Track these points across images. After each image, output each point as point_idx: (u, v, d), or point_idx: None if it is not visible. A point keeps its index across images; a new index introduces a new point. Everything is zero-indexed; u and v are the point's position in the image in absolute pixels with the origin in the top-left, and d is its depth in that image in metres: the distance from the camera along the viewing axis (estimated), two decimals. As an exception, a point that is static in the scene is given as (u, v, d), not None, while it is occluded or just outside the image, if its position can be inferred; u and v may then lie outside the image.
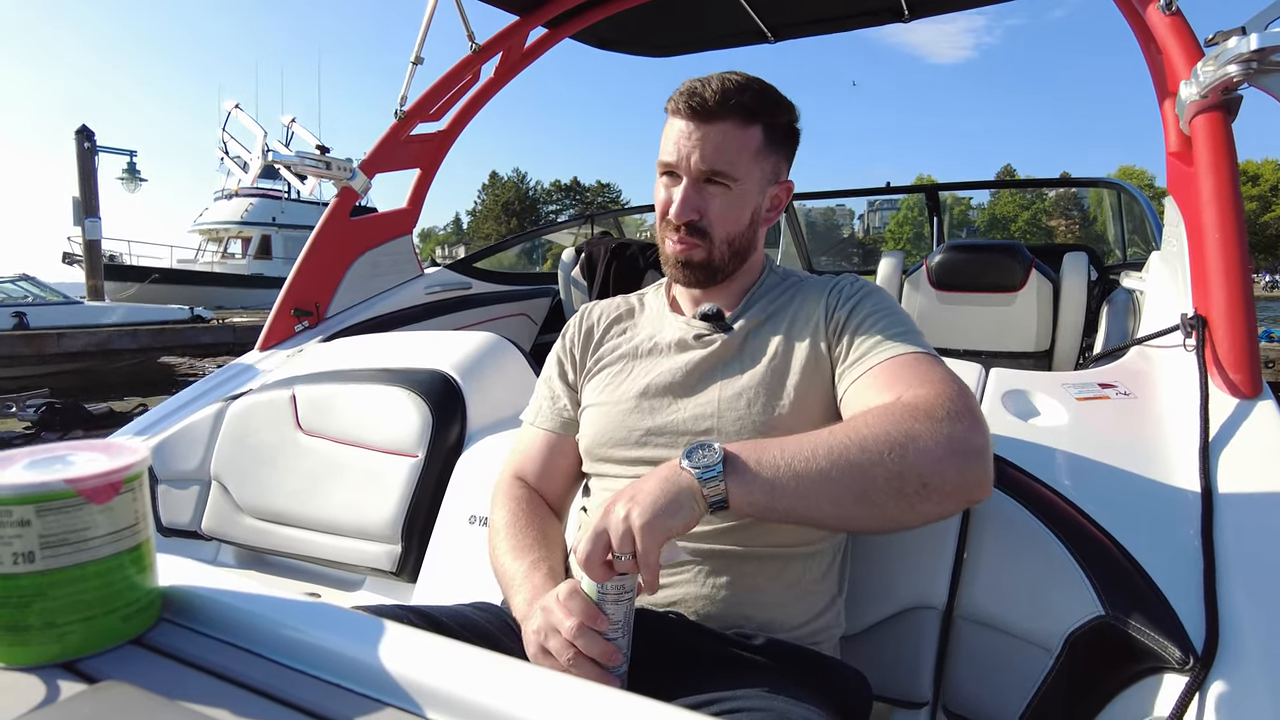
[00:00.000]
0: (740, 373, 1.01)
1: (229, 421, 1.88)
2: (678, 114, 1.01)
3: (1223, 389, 1.16)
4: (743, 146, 1.01)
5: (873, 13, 2.85)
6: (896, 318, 1.00)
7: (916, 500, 0.78)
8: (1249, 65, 1.19)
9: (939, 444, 0.78)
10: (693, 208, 1.01)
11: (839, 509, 0.79)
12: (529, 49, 2.80)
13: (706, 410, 0.99)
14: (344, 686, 0.48)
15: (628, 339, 1.13)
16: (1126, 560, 0.95)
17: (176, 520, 1.88)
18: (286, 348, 2.29)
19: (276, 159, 2.36)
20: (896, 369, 0.91)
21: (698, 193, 1.01)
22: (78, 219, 13.05)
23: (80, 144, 12.92)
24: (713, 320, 1.07)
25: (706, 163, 1.00)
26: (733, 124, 1.00)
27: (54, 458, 0.55)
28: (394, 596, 1.61)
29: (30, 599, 0.50)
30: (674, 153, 1.01)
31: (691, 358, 1.04)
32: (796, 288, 1.11)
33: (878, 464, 0.77)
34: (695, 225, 1.02)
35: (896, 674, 1.06)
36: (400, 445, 1.64)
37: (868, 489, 0.77)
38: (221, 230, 24.59)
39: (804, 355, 1.01)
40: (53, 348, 8.64)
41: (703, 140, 0.99)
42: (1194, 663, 0.82)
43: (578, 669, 0.77)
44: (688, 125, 1.00)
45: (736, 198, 1.02)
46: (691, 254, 1.04)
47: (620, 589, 0.78)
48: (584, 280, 3.58)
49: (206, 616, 0.56)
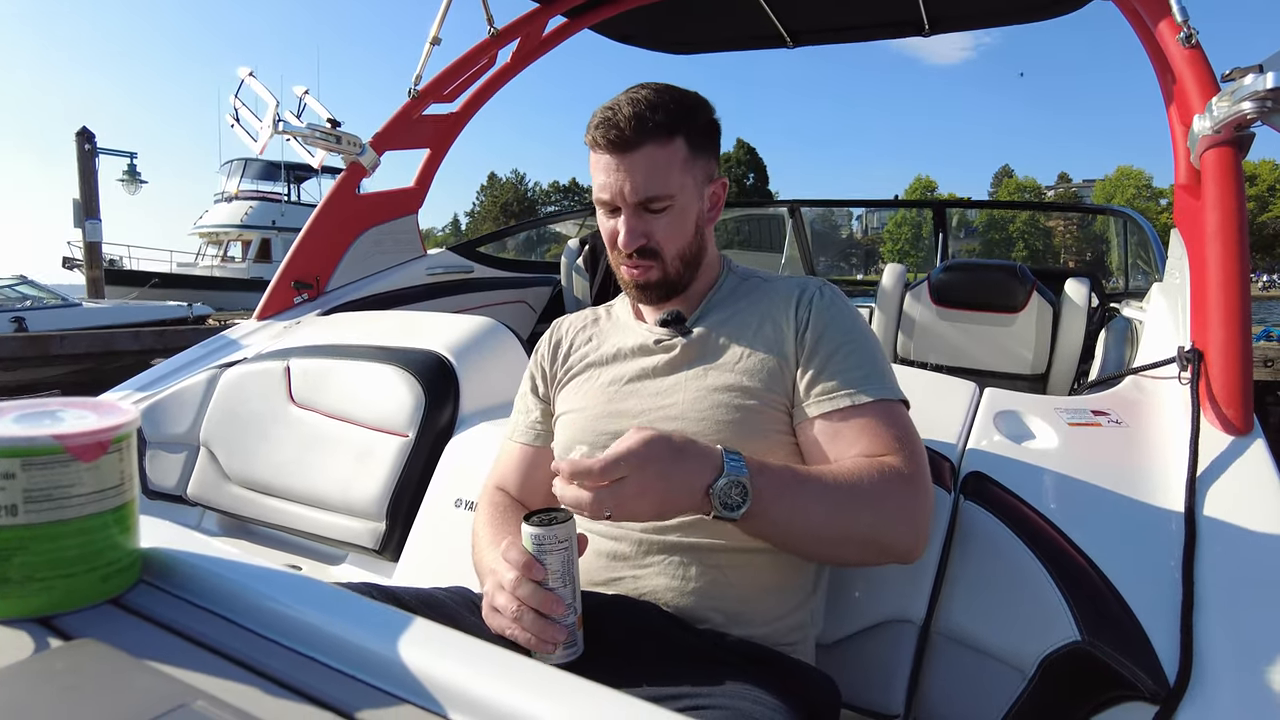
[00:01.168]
0: (704, 375, 1.02)
1: (221, 389, 1.88)
2: (598, 148, 1.01)
3: (1214, 424, 1.17)
4: (670, 164, 1.01)
5: (894, 24, 2.85)
6: (868, 353, 1.01)
7: (868, 553, 0.93)
8: (1264, 103, 1.19)
9: (907, 517, 0.90)
10: (639, 234, 1.03)
11: (808, 551, 0.94)
12: (547, 37, 2.79)
13: (671, 413, 1.01)
14: (317, 660, 0.48)
15: (594, 347, 1.15)
16: (1106, 587, 0.96)
17: (162, 484, 1.87)
18: (284, 319, 2.28)
19: (287, 129, 2.35)
20: (871, 421, 0.96)
21: (639, 219, 1.03)
22: (78, 221, 12.93)
23: (80, 145, 12.81)
24: (672, 325, 1.08)
25: (639, 193, 1.00)
26: (654, 145, 1.00)
27: (43, 412, 0.55)
28: (375, 574, 1.61)
29: (11, 552, 0.50)
30: (606, 188, 1.02)
31: (654, 362, 1.06)
32: (759, 290, 1.11)
33: (858, 526, 0.89)
34: (644, 249, 1.04)
35: (871, 685, 1.07)
36: (391, 424, 1.64)
37: (841, 543, 0.90)
38: (221, 233, 24.34)
39: (767, 360, 1.01)
40: (56, 349, 8.67)
41: (630, 170, 1.00)
42: (1166, 693, 0.82)
43: (522, 622, 0.81)
44: (611, 159, 1.00)
45: (678, 213, 1.03)
46: (648, 276, 1.05)
47: (555, 538, 0.82)
48: (586, 271, 3.58)
49: (186, 581, 0.56)
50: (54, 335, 8.91)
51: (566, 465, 0.80)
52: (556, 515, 0.84)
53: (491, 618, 0.86)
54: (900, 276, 3.31)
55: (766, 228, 6.05)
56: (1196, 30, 1.47)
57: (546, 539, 0.82)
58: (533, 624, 0.81)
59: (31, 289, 11.61)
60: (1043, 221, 53.40)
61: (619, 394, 1.06)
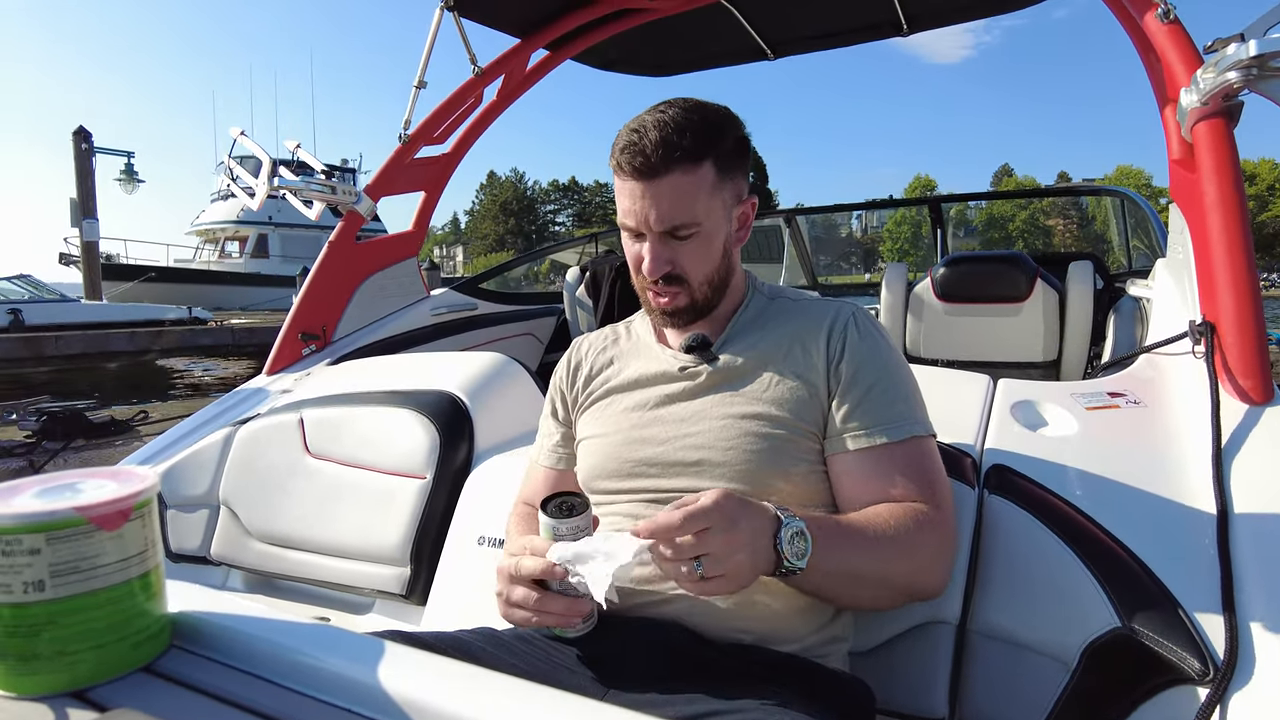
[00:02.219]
0: (730, 403, 1.01)
1: (237, 446, 1.89)
2: (622, 173, 0.98)
3: (1233, 395, 1.16)
4: (697, 189, 0.98)
5: (872, 27, 2.87)
6: (902, 386, 1.01)
7: (898, 598, 0.96)
8: (1249, 71, 1.19)
9: (940, 564, 0.95)
10: (664, 261, 1.01)
11: (848, 598, 0.94)
12: (530, 71, 2.82)
13: (696, 441, 1.00)
14: (353, 711, 0.47)
15: (615, 371, 1.13)
16: (1141, 570, 0.94)
17: (185, 546, 1.88)
18: (294, 371, 2.30)
19: (283, 184, 2.38)
20: (903, 459, 0.96)
21: (665, 246, 1.00)
22: (75, 220, 13.07)
23: (77, 145, 12.93)
24: (697, 350, 1.06)
25: (665, 221, 0.98)
26: (680, 173, 0.96)
27: (63, 485, 0.55)
28: (404, 619, 1.60)
29: (40, 628, 0.50)
30: (631, 215, 1.00)
31: (678, 389, 1.05)
32: (788, 311, 1.09)
33: (896, 575, 0.91)
34: (670, 276, 1.02)
35: (911, 689, 1.05)
36: (408, 467, 1.64)
37: (878, 588, 0.92)
38: (219, 230, 24.58)
39: (796, 388, 1.00)
40: (50, 349, 8.66)
41: (656, 198, 0.97)
42: (1215, 674, 0.81)
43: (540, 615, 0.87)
44: (637, 185, 0.97)
45: (704, 239, 1.01)
46: (675, 303, 1.04)
47: (574, 528, 0.85)
48: (589, 299, 3.59)
49: (216, 642, 0.56)
50: (49, 335, 8.91)
51: (646, 526, 0.78)
52: (575, 505, 0.87)
53: (511, 614, 0.90)
54: (902, 275, 3.31)
55: (765, 238, 6.07)
56: (1174, 5, 1.47)
57: (563, 530, 0.85)
58: (555, 605, 0.87)
59: (30, 285, 11.65)
60: (1042, 221, 53.38)
61: (642, 420, 1.05)
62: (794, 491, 0.97)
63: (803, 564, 0.82)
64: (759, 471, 0.96)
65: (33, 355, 8.48)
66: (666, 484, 0.99)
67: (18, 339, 8.59)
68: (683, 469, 0.99)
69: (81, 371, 9.11)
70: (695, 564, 0.77)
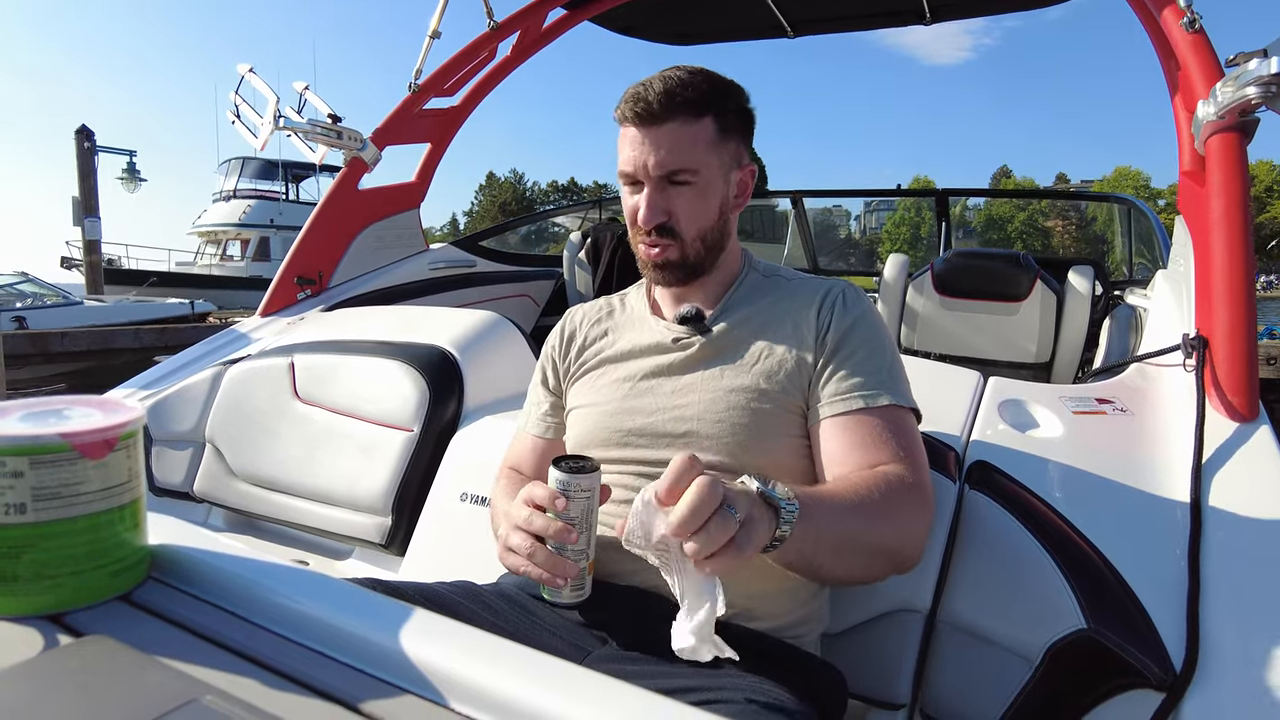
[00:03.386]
0: (720, 376, 1.01)
1: (226, 385, 1.89)
2: (626, 122, 1.01)
3: (1220, 411, 1.17)
4: (695, 140, 1.00)
5: (896, 13, 2.83)
6: (883, 357, 1.01)
7: (877, 567, 0.91)
8: (1269, 88, 1.18)
9: (917, 530, 0.91)
10: (660, 210, 1.02)
11: (832, 569, 0.87)
12: (547, 29, 2.78)
13: (687, 413, 1.00)
14: (324, 653, 0.48)
15: (609, 342, 1.14)
16: (1112, 575, 0.96)
17: (169, 481, 1.88)
18: (287, 315, 2.29)
19: (288, 124, 2.35)
20: (880, 426, 0.96)
21: (661, 195, 1.02)
22: (77, 219, 12.88)
23: (80, 143, 12.75)
24: (691, 322, 1.07)
25: (663, 166, 1.00)
26: (681, 121, 0.99)
27: (50, 411, 0.55)
28: (382, 568, 1.61)
29: (21, 550, 0.50)
30: (630, 161, 1.01)
31: (670, 360, 1.05)
32: (782, 289, 1.10)
33: (879, 538, 0.88)
34: (664, 226, 1.03)
35: (876, 674, 1.07)
36: (396, 419, 1.64)
37: (864, 555, 0.88)
38: (220, 232, 24.23)
39: (787, 361, 1.01)
40: (57, 346, 8.70)
41: (655, 143, 0.99)
42: (1172, 680, 0.82)
43: (535, 558, 0.84)
44: (638, 132, 1.00)
45: (700, 192, 1.02)
46: (666, 255, 1.04)
47: (580, 486, 0.84)
48: (589, 264, 3.58)
49: (194, 577, 0.56)
50: (55, 333, 8.92)
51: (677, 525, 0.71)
52: (585, 464, 0.86)
53: (506, 557, 0.88)
54: (903, 267, 3.30)
55: (769, 219, 6.04)
56: (1200, 15, 1.46)
57: (571, 485, 0.84)
58: (545, 560, 0.84)
59: (33, 286, 11.61)
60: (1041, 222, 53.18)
61: (633, 391, 1.05)
62: (779, 465, 0.98)
63: (794, 514, 0.77)
64: (746, 444, 0.97)
65: (39, 352, 8.52)
66: (654, 454, 1.00)
67: (24, 336, 8.59)
68: (671, 440, 1.00)
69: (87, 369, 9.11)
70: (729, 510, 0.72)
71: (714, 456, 0.97)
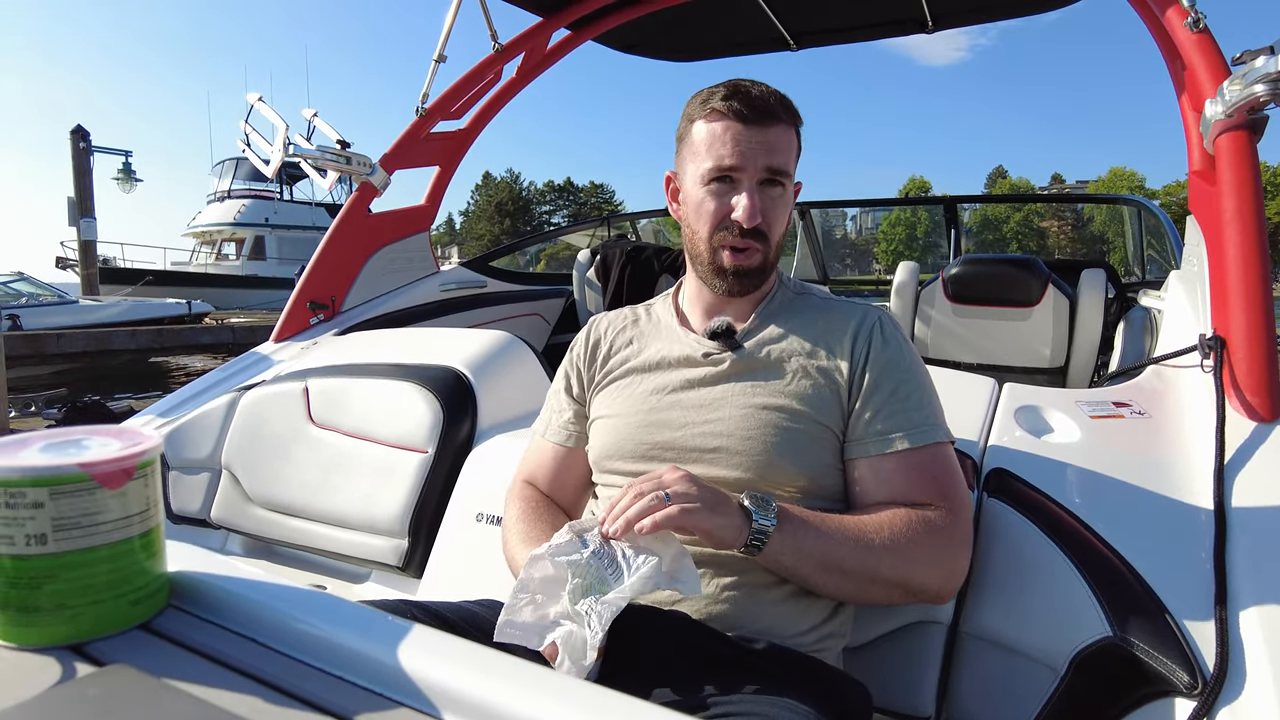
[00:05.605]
0: (752, 393, 1.01)
1: (241, 412, 1.90)
2: (727, 117, 1.00)
3: (1240, 411, 1.15)
4: (791, 146, 1.03)
5: (897, 22, 2.84)
6: (924, 392, 1.01)
7: (894, 595, 0.93)
8: (1276, 85, 1.18)
9: (939, 568, 0.92)
10: (759, 210, 1.01)
11: (832, 589, 0.92)
12: (551, 50, 2.81)
13: (716, 429, 0.99)
14: (348, 680, 0.48)
15: (635, 352, 1.13)
16: (1136, 581, 0.94)
17: (186, 508, 1.89)
18: (301, 340, 2.30)
19: (298, 152, 2.37)
20: (920, 465, 0.96)
21: (760, 195, 1.01)
22: (73, 219, 12.99)
23: (75, 144, 12.87)
24: (722, 337, 1.06)
25: (774, 163, 1.00)
26: (784, 126, 1.01)
27: (68, 441, 0.55)
28: (400, 590, 1.61)
29: (41, 580, 0.50)
30: (736, 156, 0.99)
31: (700, 374, 1.05)
32: (815, 310, 1.09)
33: (885, 569, 0.89)
34: (758, 230, 1.02)
35: (900, 687, 1.05)
36: (410, 441, 1.65)
37: (866, 583, 0.91)
38: (215, 232, 24.44)
39: (819, 385, 1.00)
40: (52, 348, 8.72)
41: (764, 141, 1.00)
42: (1202, 687, 0.81)
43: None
44: (746, 128, 0.99)
45: (787, 200, 1.04)
46: (752, 260, 1.03)
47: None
48: (598, 282, 3.59)
49: (213, 604, 0.56)
50: (50, 334, 8.94)
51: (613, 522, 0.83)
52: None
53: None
54: (914, 275, 3.29)
55: None
56: (1204, 14, 1.45)
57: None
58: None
59: (28, 285, 11.68)
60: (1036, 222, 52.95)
61: (661, 404, 1.04)
62: (808, 486, 0.97)
63: (770, 522, 0.84)
64: (776, 463, 0.96)
65: (35, 354, 8.53)
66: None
67: (19, 338, 8.62)
68: (699, 455, 0.99)
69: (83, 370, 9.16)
70: (664, 495, 0.81)
71: (743, 474, 0.96)
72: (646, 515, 0.80)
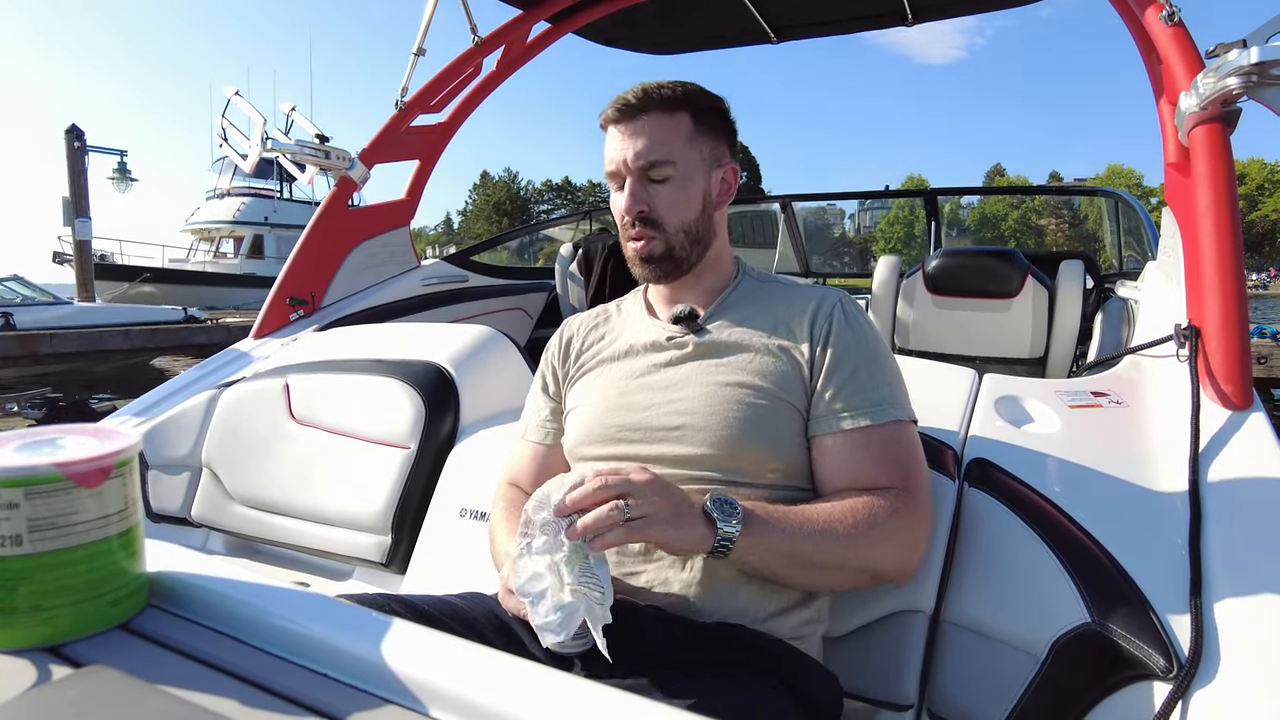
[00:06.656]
0: (715, 371, 1.03)
1: (221, 409, 1.88)
2: (610, 123, 1.06)
3: (1214, 400, 1.17)
4: (673, 133, 1.04)
5: (876, 15, 2.85)
6: (885, 372, 1.03)
7: (860, 580, 0.97)
8: (1249, 78, 1.19)
9: (902, 549, 0.95)
10: (640, 201, 1.05)
11: (800, 581, 0.95)
12: (531, 43, 2.79)
13: (681, 407, 1.01)
14: (330, 676, 0.48)
15: (606, 344, 1.16)
16: (1114, 568, 0.96)
17: (166, 506, 1.87)
18: (281, 336, 2.28)
19: (276, 147, 2.34)
20: (882, 442, 0.98)
21: (643, 187, 1.05)
22: (68, 219, 12.77)
23: (70, 143, 12.62)
24: (685, 322, 1.09)
25: (642, 156, 1.03)
26: (658, 114, 1.04)
27: (44, 441, 0.55)
28: (383, 587, 1.60)
29: (18, 582, 0.50)
30: (613, 160, 1.05)
31: (665, 357, 1.07)
32: (778, 295, 1.12)
33: (850, 557, 0.91)
34: (646, 217, 1.05)
35: (882, 676, 1.07)
36: (392, 437, 1.64)
37: (833, 571, 0.93)
38: (213, 230, 24.09)
39: (780, 363, 1.02)
40: (45, 348, 8.58)
41: (633, 137, 1.03)
42: (1178, 671, 0.82)
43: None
44: (619, 128, 1.05)
45: (680, 185, 1.05)
46: (650, 247, 1.06)
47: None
48: (581, 276, 3.58)
49: (194, 603, 0.56)
50: (43, 334, 8.82)
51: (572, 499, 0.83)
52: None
53: (508, 600, 0.92)
54: (895, 267, 3.31)
55: (760, 224, 6.05)
56: (1179, 8, 1.47)
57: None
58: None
59: (23, 287, 11.50)
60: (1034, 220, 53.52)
61: (629, 388, 1.07)
62: (772, 461, 0.99)
63: (735, 528, 0.85)
64: (739, 438, 0.97)
65: (28, 354, 8.41)
66: (648, 450, 1.01)
67: (12, 338, 8.48)
68: (664, 434, 1.01)
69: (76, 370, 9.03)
70: (625, 506, 0.82)
71: (706, 450, 0.98)
72: (604, 526, 0.81)
